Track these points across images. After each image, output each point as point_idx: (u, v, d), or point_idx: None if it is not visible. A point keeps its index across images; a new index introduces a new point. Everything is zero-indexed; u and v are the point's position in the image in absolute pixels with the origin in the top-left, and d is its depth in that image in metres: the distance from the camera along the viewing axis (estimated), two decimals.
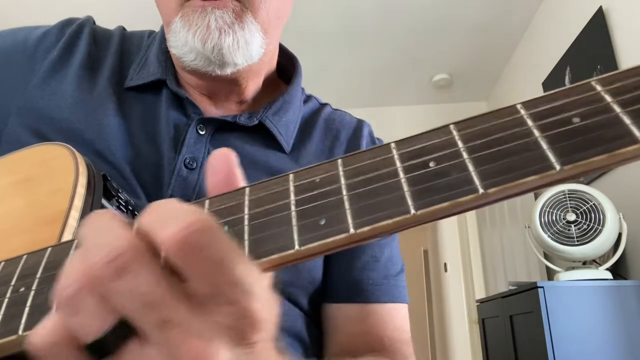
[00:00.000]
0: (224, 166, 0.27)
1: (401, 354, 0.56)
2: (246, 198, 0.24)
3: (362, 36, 2.91)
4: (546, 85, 2.63)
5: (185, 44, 0.51)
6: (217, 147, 0.55)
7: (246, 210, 0.24)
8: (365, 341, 0.55)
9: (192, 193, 0.53)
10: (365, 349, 0.54)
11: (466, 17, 2.74)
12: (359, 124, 0.68)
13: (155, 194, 0.52)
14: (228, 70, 0.54)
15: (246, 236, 0.23)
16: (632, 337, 1.53)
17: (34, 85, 0.56)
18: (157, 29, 0.65)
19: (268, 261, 0.22)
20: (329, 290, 0.58)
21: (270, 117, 0.59)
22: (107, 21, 0.70)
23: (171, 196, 0.52)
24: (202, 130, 0.56)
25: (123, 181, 0.51)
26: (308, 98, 0.69)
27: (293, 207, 0.23)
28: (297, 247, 0.21)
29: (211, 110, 0.60)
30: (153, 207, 0.23)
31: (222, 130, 0.57)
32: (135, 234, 0.22)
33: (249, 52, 0.53)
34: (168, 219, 0.21)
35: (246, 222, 0.23)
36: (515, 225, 2.96)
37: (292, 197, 0.23)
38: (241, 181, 0.27)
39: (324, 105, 0.70)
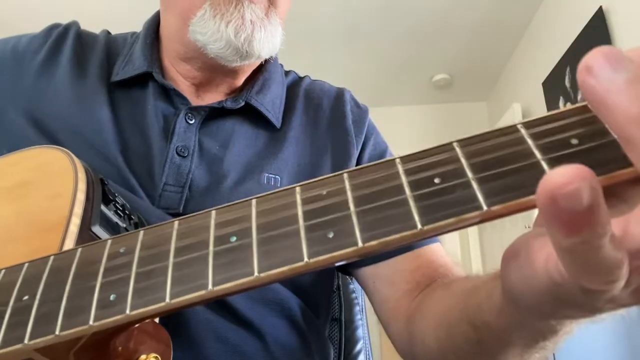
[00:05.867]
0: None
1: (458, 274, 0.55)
2: (253, 209, 0.25)
3: (361, 36, 2.90)
4: (546, 85, 2.63)
5: (216, 31, 0.53)
6: (207, 134, 0.58)
7: (254, 222, 0.24)
8: (423, 275, 0.54)
9: (185, 180, 0.54)
10: (423, 284, 0.53)
11: (466, 17, 2.74)
12: (340, 90, 0.69)
13: (148, 183, 0.53)
14: (247, 62, 0.57)
15: (255, 248, 0.23)
16: (632, 337, 1.53)
17: (24, 85, 0.58)
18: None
19: (279, 272, 0.23)
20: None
21: (254, 97, 0.61)
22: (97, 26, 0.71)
23: (165, 184, 0.53)
24: (190, 120, 0.57)
25: (117, 172, 0.52)
26: (287, 72, 0.70)
27: (301, 220, 0.23)
28: (306, 259, 0.22)
29: (198, 100, 0.61)
30: None
31: (210, 118, 0.59)
32: None
33: (274, 45, 0.56)
34: None
35: (254, 234, 0.24)
36: (515, 225, 2.96)
37: (300, 209, 0.24)
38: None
39: (302, 77, 0.71)
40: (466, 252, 3.61)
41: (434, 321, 0.44)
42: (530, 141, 0.20)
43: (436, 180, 0.21)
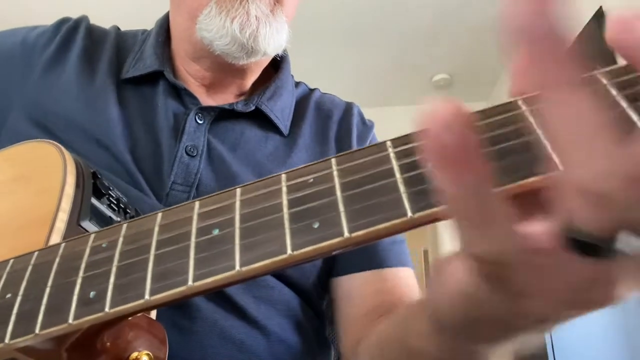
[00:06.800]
0: None
1: None
2: (237, 199, 0.24)
3: (362, 36, 2.90)
4: None
5: (221, 28, 0.53)
6: (217, 135, 0.57)
7: (237, 212, 0.23)
8: (383, 301, 0.54)
9: (193, 179, 0.53)
10: (383, 309, 0.53)
11: (466, 17, 2.73)
12: (349, 104, 0.70)
13: (156, 181, 0.53)
14: (254, 59, 0.57)
15: (237, 240, 0.22)
16: (632, 337, 1.52)
17: (33, 80, 0.58)
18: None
19: (262, 266, 0.22)
20: (339, 264, 0.58)
21: (265, 102, 0.61)
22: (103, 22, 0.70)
23: (173, 183, 0.53)
24: (200, 120, 0.57)
25: (125, 171, 0.52)
26: (297, 84, 0.71)
27: (285, 209, 0.22)
28: (289, 251, 0.20)
29: (208, 100, 0.61)
30: None
31: (220, 119, 0.59)
32: None
33: (279, 42, 0.56)
34: None
35: (237, 225, 0.22)
36: None
37: (285, 198, 0.22)
38: None
39: (313, 90, 0.72)
40: None
41: (372, 344, 0.44)
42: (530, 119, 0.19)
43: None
